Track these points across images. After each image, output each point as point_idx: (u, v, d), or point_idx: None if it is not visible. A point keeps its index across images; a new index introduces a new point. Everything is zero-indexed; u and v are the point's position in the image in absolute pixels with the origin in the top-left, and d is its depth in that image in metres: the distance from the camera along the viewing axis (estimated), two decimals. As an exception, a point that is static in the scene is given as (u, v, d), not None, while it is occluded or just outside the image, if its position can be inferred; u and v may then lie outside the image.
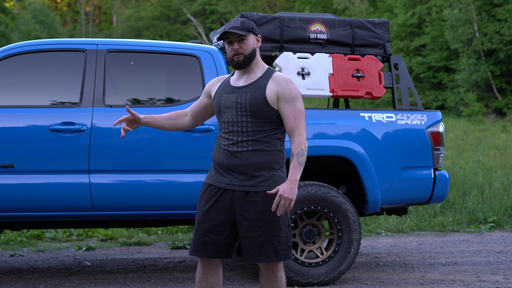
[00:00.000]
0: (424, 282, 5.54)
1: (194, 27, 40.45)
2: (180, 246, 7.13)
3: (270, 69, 3.63)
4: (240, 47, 3.52)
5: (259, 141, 3.51)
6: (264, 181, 3.49)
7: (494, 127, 21.38)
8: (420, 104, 5.83)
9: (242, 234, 3.53)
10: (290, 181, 3.40)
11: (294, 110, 3.51)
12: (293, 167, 3.42)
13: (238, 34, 3.51)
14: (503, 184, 9.84)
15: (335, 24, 5.80)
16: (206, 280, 3.61)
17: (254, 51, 3.56)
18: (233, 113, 3.52)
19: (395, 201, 5.58)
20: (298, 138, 3.48)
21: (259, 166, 3.49)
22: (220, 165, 3.55)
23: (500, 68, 26.62)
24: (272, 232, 3.49)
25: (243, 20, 3.57)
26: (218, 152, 3.58)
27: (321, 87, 5.61)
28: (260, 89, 3.52)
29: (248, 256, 3.54)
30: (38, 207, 4.98)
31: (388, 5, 33.81)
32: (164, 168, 5.11)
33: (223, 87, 3.62)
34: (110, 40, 5.31)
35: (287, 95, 3.51)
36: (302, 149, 3.46)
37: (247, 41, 3.54)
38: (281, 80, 3.53)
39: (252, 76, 3.58)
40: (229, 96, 3.55)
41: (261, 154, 3.50)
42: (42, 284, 5.40)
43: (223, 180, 3.54)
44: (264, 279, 3.61)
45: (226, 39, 3.56)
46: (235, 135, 3.51)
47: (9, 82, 5.15)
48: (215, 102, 3.62)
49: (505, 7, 26.01)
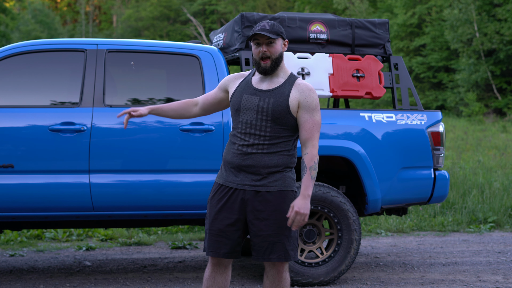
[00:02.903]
0: (424, 282, 5.55)
1: (194, 27, 40.45)
2: (180, 246, 7.13)
3: (292, 75, 3.61)
4: (268, 50, 3.50)
5: (274, 146, 3.51)
6: (275, 181, 3.51)
7: (494, 127, 21.38)
8: (420, 104, 5.83)
9: (253, 233, 3.54)
10: (304, 197, 3.44)
11: (312, 120, 3.52)
12: (306, 181, 3.46)
13: (268, 36, 3.49)
14: (503, 184, 9.84)
15: (335, 24, 5.81)
16: (213, 279, 3.62)
17: (281, 56, 3.55)
18: (253, 115, 3.51)
19: (395, 201, 5.58)
20: (311, 151, 3.49)
21: (271, 167, 3.51)
22: (231, 165, 3.55)
23: (500, 68, 26.63)
24: (283, 232, 3.52)
25: (273, 23, 3.54)
26: (230, 151, 3.57)
27: (321, 87, 5.61)
28: (283, 96, 3.51)
29: (259, 255, 3.55)
30: (38, 207, 4.98)
31: (388, 5, 33.81)
32: (164, 168, 5.11)
33: (244, 86, 3.59)
34: (110, 40, 5.31)
35: (308, 105, 3.51)
36: (315, 163, 3.49)
37: (275, 44, 3.52)
38: (304, 89, 3.53)
39: (275, 81, 3.56)
40: (251, 97, 3.53)
41: (274, 157, 3.51)
42: (42, 284, 5.40)
43: (235, 180, 3.54)
44: (268, 279, 3.62)
45: (254, 40, 3.53)
46: (252, 137, 3.51)
47: (9, 82, 5.15)
48: (234, 100, 3.58)
49: (505, 7, 26.01)
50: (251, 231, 3.55)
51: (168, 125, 5.09)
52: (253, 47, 3.56)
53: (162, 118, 5.06)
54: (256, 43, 3.53)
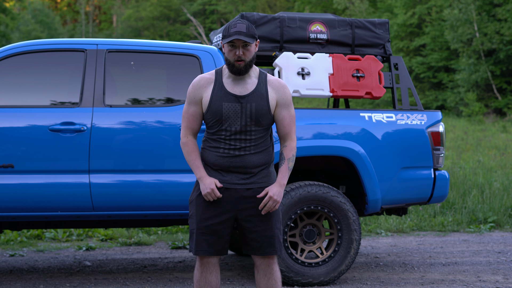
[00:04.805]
0: (424, 282, 5.54)
1: (194, 27, 40.44)
2: (180, 246, 7.13)
3: (261, 71, 3.65)
4: (244, 54, 3.51)
5: (259, 145, 3.59)
6: (264, 177, 3.60)
7: (494, 127, 21.37)
8: (420, 104, 5.83)
9: (248, 230, 3.59)
10: (280, 185, 3.58)
11: (289, 115, 3.63)
12: (283, 171, 3.59)
13: (244, 40, 3.49)
14: (503, 184, 9.84)
15: (335, 24, 5.80)
16: (205, 279, 3.64)
17: (254, 58, 3.58)
18: (237, 123, 3.53)
19: (395, 201, 5.58)
20: (290, 144, 3.63)
21: (259, 166, 3.59)
22: (218, 166, 3.58)
23: (500, 68, 26.61)
24: (276, 225, 3.63)
25: (248, 25, 3.53)
26: (213, 154, 3.58)
27: (321, 87, 5.61)
28: (263, 98, 3.56)
29: (256, 249, 3.62)
30: (38, 207, 4.98)
31: (388, 5, 33.80)
32: (164, 168, 5.11)
33: (219, 93, 3.55)
34: (110, 40, 5.30)
35: (284, 102, 3.62)
36: (293, 155, 3.62)
37: (250, 47, 3.53)
38: (278, 87, 3.61)
39: (249, 82, 3.58)
40: (232, 105, 3.53)
41: (260, 155, 3.59)
42: (42, 284, 5.40)
43: (222, 179, 3.57)
44: (260, 274, 3.68)
45: (229, 42, 3.52)
46: (238, 142, 3.55)
47: (9, 82, 5.15)
48: (212, 111, 3.54)
49: (505, 7, 26.01)
50: (246, 227, 3.59)
51: (168, 125, 5.09)
52: (227, 49, 3.53)
53: (162, 118, 5.09)
54: (232, 45, 3.52)
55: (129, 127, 5.06)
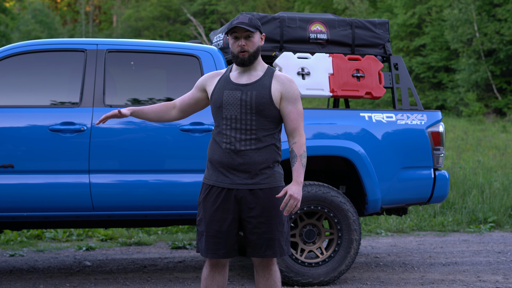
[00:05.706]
0: (424, 282, 5.55)
1: (194, 27, 40.44)
2: (180, 246, 7.13)
3: (270, 67, 3.66)
4: (246, 44, 3.53)
5: (262, 140, 3.54)
6: (267, 178, 3.55)
7: (494, 127, 21.37)
8: (420, 104, 5.83)
9: (249, 231, 3.58)
10: (297, 183, 3.51)
11: (296, 110, 3.58)
12: (297, 168, 3.52)
13: (246, 29, 3.52)
14: (503, 184, 9.84)
15: (335, 24, 5.81)
16: (212, 278, 3.65)
17: (258, 49, 3.59)
18: (236, 110, 3.53)
19: (395, 201, 5.58)
20: (299, 139, 3.56)
21: (262, 164, 3.54)
22: (221, 164, 3.56)
23: (500, 68, 26.61)
24: (277, 228, 3.58)
25: (251, 17, 3.57)
26: (217, 150, 3.58)
27: (321, 87, 5.61)
28: (265, 88, 3.55)
29: (255, 251, 3.60)
30: (38, 207, 4.98)
31: (388, 5, 33.80)
32: (164, 168, 5.11)
33: (223, 83, 3.61)
34: (110, 40, 5.31)
35: (290, 95, 3.57)
36: (304, 151, 3.56)
37: (253, 38, 3.55)
38: (284, 80, 3.59)
39: (254, 74, 3.60)
40: (233, 92, 3.55)
41: (263, 152, 3.55)
42: (42, 284, 5.40)
43: (225, 180, 3.56)
44: (259, 275, 3.68)
45: (233, 34, 3.56)
46: (238, 133, 3.53)
47: (9, 82, 5.15)
48: (214, 98, 3.60)
49: (505, 7, 26.00)
50: (246, 228, 3.58)
51: (168, 125, 5.10)
52: (231, 41, 3.58)
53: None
54: (235, 36, 3.56)
55: (129, 127, 5.06)
